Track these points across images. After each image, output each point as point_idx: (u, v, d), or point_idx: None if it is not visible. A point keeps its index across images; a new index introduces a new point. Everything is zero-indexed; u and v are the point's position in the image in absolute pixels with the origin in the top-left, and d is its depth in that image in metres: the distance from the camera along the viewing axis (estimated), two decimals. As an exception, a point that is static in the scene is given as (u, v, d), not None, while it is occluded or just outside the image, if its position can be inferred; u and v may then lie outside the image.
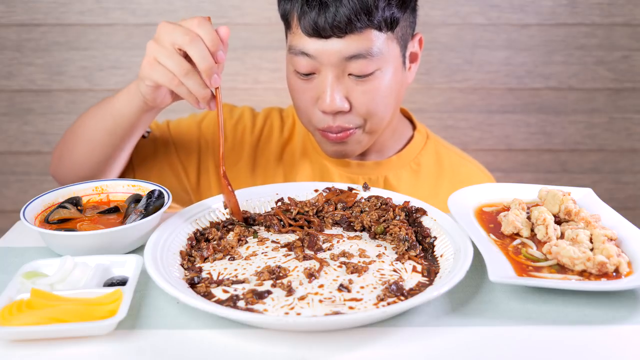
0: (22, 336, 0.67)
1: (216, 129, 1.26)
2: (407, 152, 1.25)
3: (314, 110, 1.10)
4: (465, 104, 2.08)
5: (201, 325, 0.71)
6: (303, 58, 1.06)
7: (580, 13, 1.99)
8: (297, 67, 1.07)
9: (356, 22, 1.00)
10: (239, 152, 1.28)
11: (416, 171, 1.24)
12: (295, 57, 1.07)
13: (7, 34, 1.96)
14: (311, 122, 1.12)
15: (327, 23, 1.01)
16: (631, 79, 2.05)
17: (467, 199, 0.95)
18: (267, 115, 1.31)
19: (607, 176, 2.16)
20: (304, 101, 1.11)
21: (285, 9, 1.09)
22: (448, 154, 1.29)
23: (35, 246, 0.90)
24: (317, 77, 1.08)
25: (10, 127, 2.04)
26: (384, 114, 1.11)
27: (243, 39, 1.99)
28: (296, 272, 0.78)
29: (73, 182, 1.03)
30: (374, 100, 1.08)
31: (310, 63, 1.06)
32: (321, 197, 0.96)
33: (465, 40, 2.01)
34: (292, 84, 1.12)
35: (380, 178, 1.22)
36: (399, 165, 1.23)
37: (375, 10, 1.01)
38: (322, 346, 0.67)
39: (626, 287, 0.73)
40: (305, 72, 1.07)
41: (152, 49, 0.94)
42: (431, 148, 1.27)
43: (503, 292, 0.78)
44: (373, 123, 1.11)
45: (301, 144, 1.27)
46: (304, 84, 1.09)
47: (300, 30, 1.05)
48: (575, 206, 0.90)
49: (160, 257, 0.80)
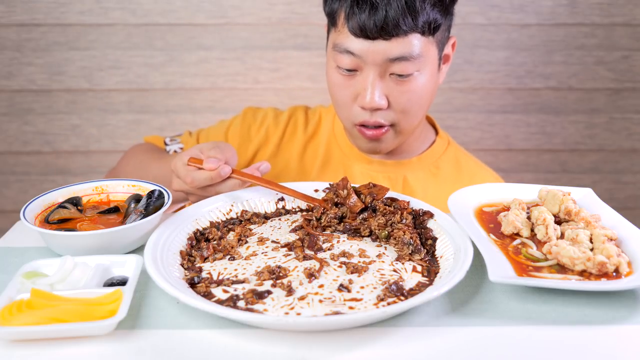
0: (22, 336, 0.67)
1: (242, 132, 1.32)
2: (427, 155, 1.28)
3: (353, 106, 1.14)
4: (465, 104, 2.08)
5: (201, 325, 0.71)
6: (347, 56, 1.09)
7: (580, 13, 1.99)
8: (340, 63, 1.11)
9: (403, 25, 1.04)
10: (263, 152, 1.31)
11: (435, 174, 1.27)
12: (339, 54, 1.11)
13: (7, 34, 1.96)
14: (349, 118, 1.15)
15: (375, 25, 1.04)
16: (631, 79, 2.05)
17: (467, 199, 0.95)
18: (292, 113, 1.34)
19: (607, 176, 2.16)
20: (343, 96, 1.14)
21: (333, 7, 1.12)
22: (467, 161, 1.33)
23: (35, 246, 0.90)
24: (359, 75, 1.11)
25: (10, 127, 2.04)
26: (417, 113, 1.15)
27: (243, 39, 1.99)
28: (296, 272, 0.78)
29: None
30: (411, 100, 1.12)
31: (354, 61, 1.09)
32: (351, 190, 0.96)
33: (465, 40, 2.01)
34: (334, 79, 1.15)
35: (399, 178, 1.25)
36: (419, 167, 1.27)
37: (421, 14, 1.05)
38: (322, 346, 0.67)
39: (626, 287, 0.73)
40: (348, 69, 1.11)
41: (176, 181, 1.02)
42: (451, 154, 1.31)
43: (503, 292, 0.78)
44: (406, 122, 1.15)
45: (326, 141, 1.31)
46: (346, 80, 1.12)
47: (346, 29, 1.08)
48: (575, 206, 0.90)
49: (160, 257, 0.80)
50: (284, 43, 2.00)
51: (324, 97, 1.90)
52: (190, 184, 0.97)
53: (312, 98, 2.02)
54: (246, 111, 1.36)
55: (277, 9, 1.97)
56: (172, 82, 2.02)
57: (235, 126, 1.33)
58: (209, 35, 1.98)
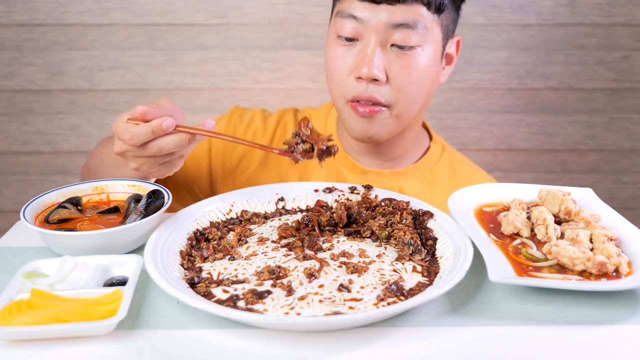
0: (22, 336, 0.67)
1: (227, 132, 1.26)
2: (423, 163, 1.26)
3: (348, 79, 1.11)
4: (465, 104, 2.08)
5: (201, 325, 0.71)
6: (350, 21, 1.08)
7: (580, 13, 1.99)
8: (342, 31, 1.09)
9: None
10: (250, 157, 1.27)
11: (431, 182, 1.25)
12: (341, 21, 1.09)
13: (7, 34, 1.96)
14: (343, 94, 1.12)
15: None
16: (631, 79, 2.05)
17: (467, 199, 0.95)
18: (281, 117, 1.31)
19: (607, 176, 2.16)
20: (340, 68, 1.11)
21: None
22: (462, 166, 1.30)
23: (35, 246, 0.90)
24: (358, 44, 1.09)
25: (10, 127, 2.04)
26: (414, 97, 1.12)
27: (243, 39, 1.99)
28: (296, 272, 0.78)
29: None
30: (410, 77, 1.09)
31: (356, 27, 1.08)
32: (314, 127, 0.92)
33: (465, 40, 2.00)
34: (332, 51, 1.13)
35: (395, 188, 1.22)
36: (415, 176, 1.25)
37: None
38: (322, 346, 0.67)
39: (626, 287, 0.73)
40: (349, 37, 1.09)
41: (117, 143, 0.93)
42: (446, 159, 1.29)
43: (503, 292, 0.78)
44: (402, 106, 1.11)
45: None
46: (345, 50, 1.11)
47: None
48: (575, 206, 0.90)
49: (160, 257, 0.80)
50: (284, 43, 2.00)
51: (324, 97, 1.90)
52: (129, 140, 0.88)
53: (312, 98, 2.02)
54: (233, 111, 1.32)
55: (277, 9, 1.97)
56: (172, 82, 2.02)
57: (220, 126, 1.29)
58: (208, 35, 1.99)
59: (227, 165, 1.28)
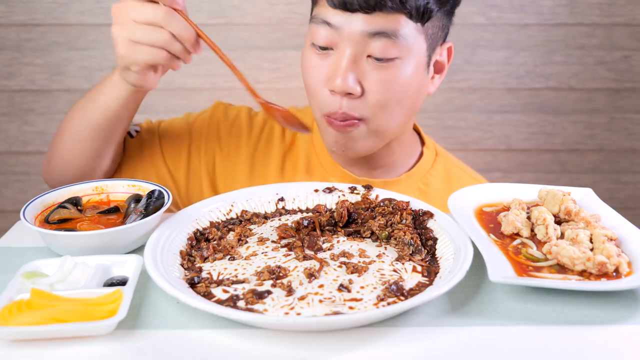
0: (22, 336, 0.67)
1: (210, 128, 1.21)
2: (415, 171, 1.19)
3: (322, 91, 1.03)
4: (464, 104, 2.08)
5: (201, 325, 0.71)
6: (324, 28, 1.00)
7: (580, 13, 2.00)
8: (316, 38, 1.01)
9: (388, 1, 0.95)
10: (234, 160, 1.20)
11: (425, 192, 1.19)
12: (315, 27, 1.01)
13: (7, 34, 1.96)
14: (319, 106, 1.05)
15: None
16: (631, 79, 2.06)
17: (467, 199, 0.95)
18: (268, 117, 1.23)
19: (607, 176, 2.16)
20: (315, 78, 1.04)
21: None
22: (456, 172, 1.24)
23: (35, 246, 0.90)
24: (333, 54, 1.01)
25: (10, 127, 2.04)
26: (394, 111, 1.04)
27: (243, 39, 1.99)
28: (296, 272, 0.78)
29: (63, 183, 1.01)
30: (388, 91, 1.01)
31: (330, 35, 1.00)
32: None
33: (465, 40, 2.01)
34: (307, 60, 1.05)
35: None
36: (407, 185, 1.18)
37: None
38: (322, 346, 0.67)
39: (626, 287, 0.73)
40: (322, 45, 1.01)
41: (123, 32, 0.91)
42: (440, 166, 1.22)
43: (503, 292, 0.78)
44: (380, 121, 1.04)
45: (305, 154, 1.20)
46: (319, 60, 1.03)
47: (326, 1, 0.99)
48: (575, 206, 0.90)
49: (160, 257, 0.80)
50: (284, 43, 2.00)
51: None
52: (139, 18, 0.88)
53: (312, 98, 2.02)
54: (217, 105, 1.25)
55: (277, 9, 1.97)
56: (172, 82, 2.02)
57: (202, 121, 1.21)
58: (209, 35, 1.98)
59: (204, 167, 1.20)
